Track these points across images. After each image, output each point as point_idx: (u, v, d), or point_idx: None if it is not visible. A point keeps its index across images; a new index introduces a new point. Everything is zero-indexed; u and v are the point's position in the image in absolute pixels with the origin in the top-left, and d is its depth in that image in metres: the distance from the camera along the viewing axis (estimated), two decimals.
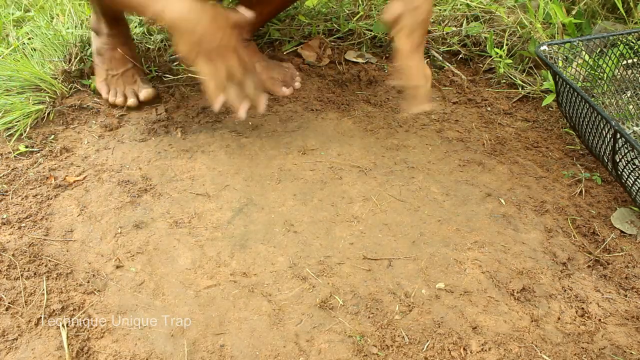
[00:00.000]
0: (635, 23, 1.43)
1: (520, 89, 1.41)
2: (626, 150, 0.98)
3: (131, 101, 1.23)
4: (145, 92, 1.24)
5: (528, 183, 1.13)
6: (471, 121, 1.30)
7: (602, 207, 1.09)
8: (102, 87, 1.27)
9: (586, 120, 1.09)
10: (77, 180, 1.04)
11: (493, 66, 1.47)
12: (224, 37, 0.92)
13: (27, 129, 1.14)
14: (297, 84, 1.34)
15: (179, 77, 1.32)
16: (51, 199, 1.00)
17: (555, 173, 1.17)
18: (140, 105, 1.25)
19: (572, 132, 1.28)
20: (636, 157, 0.97)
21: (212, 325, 0.81)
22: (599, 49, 1.28)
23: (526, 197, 1.09)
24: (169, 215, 0.99)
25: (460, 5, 1.59)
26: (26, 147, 1.11)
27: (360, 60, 1.47)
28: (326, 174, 1.10)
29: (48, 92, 1.21)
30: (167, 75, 1.32)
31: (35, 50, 1.36)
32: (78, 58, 1.29)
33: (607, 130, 1.02)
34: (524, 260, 0.96)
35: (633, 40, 1.28)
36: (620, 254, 0.99)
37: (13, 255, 0.88)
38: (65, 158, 1.09)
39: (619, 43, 1.31)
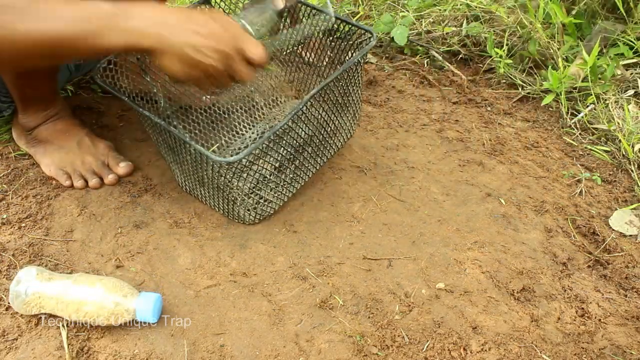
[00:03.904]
0: (635, 23, 1.43)
1: (520, 89, 1.41)
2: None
3: (111, 177, 1.03)
4: (125, 166, 1.04)
5: (528, 183, 1.13)
6: (471, 121, 1.30)
7: (602, 207, 1.09)
8: (57, 173, 1.02)
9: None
10: None
11: (493, 66, 1.47)
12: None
13: None
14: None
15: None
16: (51, 199, 1.00)
17: (555, 173, 1.17)
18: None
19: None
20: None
21: (212, 325, 0.81)
22: None
23: (526, 197, 1.09)
24: (169, 215, 0.99)
25: (460, 5, 1.59)
26: None
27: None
28: (326, 174, 1.10)
29: None
30: None
31: None
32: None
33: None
34: (524, 260, 0.96)
35: None
36: (620, 254, 0.99)
37: (13, 255, 0.88)
38: None
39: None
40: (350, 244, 0.96)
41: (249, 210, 0.95)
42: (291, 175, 0.97)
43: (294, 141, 0.92)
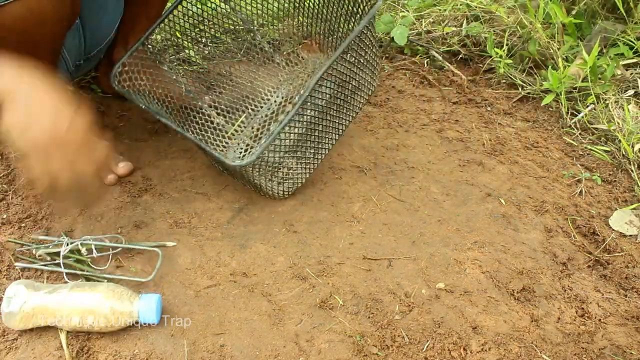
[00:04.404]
0: (635, 23, 1.43)
1: (520, 89, 1.41)
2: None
3: (110, 177, 1.04)
4: (125, 166, 1.05)
5: (528, 183, 1.13)
6: (471, 121, 1.30)
7: (602, 207, 1.09)
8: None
9: None
10: None
11: (493, 66, 1.47)
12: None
13: None
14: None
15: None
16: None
17: (555, 173, 1.17)
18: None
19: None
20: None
21: (212, 325, 0.81)
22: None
23: (526, 197, 1.09)
24: (169, 215, 0.99)
25: (460, 5, 1.59)
26: None
27: None
28: (326, 173, 1.10)
29: None
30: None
31: None
32: None
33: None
34: (524, 260, 0.96)
35: None
36: (620, 254, 0.99)
37: (13, 255, 0.88)
38: None
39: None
40: (350, 244, 0.96)
41: (279, 183, 0.96)
42: (316, 143, 0.98)
43: (317, 106, 0.92)
